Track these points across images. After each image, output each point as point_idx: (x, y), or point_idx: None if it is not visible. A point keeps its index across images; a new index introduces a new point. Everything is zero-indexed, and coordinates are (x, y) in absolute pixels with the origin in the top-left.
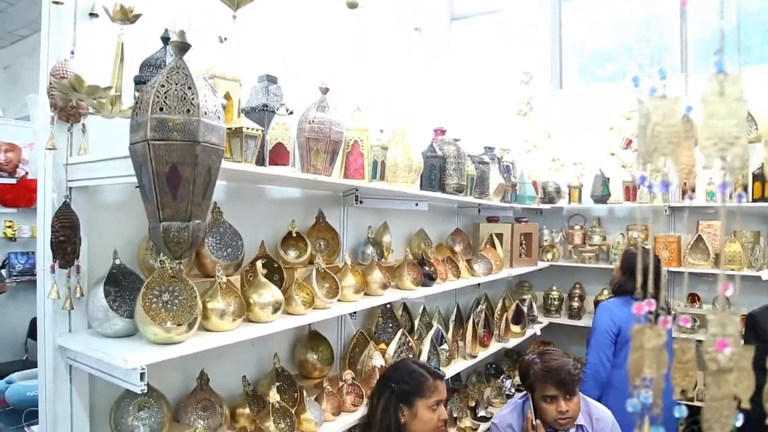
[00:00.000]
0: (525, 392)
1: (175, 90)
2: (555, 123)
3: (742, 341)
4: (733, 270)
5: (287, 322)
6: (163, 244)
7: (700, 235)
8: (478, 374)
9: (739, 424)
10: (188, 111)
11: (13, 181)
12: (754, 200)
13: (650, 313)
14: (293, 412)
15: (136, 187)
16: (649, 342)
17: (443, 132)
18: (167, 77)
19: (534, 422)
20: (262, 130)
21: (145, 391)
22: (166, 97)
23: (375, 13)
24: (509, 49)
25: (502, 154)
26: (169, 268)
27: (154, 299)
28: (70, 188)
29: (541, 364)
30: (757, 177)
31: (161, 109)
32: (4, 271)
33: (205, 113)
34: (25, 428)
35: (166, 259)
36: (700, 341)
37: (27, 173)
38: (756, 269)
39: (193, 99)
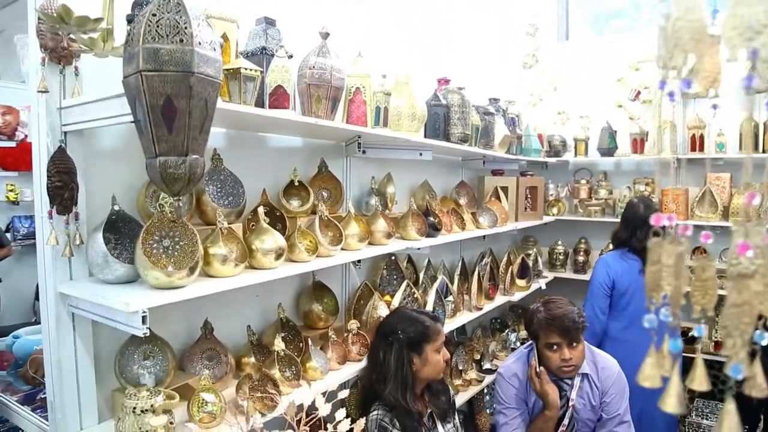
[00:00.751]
0: (530, 342)
1: (167, 19)
2: (561, 75)
3: None
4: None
5: (291, 268)
6: (160, 180)
7: (708, 188)
8: (483, 328)
9: (765, 342)
10: (181, 41)
11: (12, 144)
12: (765, 151)
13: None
14: (298, 360)
15: (131, 122)
16: (668, 258)
17: (447, 82)
18: (159, 6)
19: (537, 369)
20: (261, 71)
21: (148, 334)
22: (158, 27)
23: None
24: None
25: (507, 106)
26: (168, 209)
27: (155, 244)
28: (65, 133)
29: (545, 312)
30: None
31: (153, 39)
32: (9, 235)
33: (199, 43)
34: None
35: (165, 202)
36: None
37: (26, 136)
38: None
39: (186, 28)
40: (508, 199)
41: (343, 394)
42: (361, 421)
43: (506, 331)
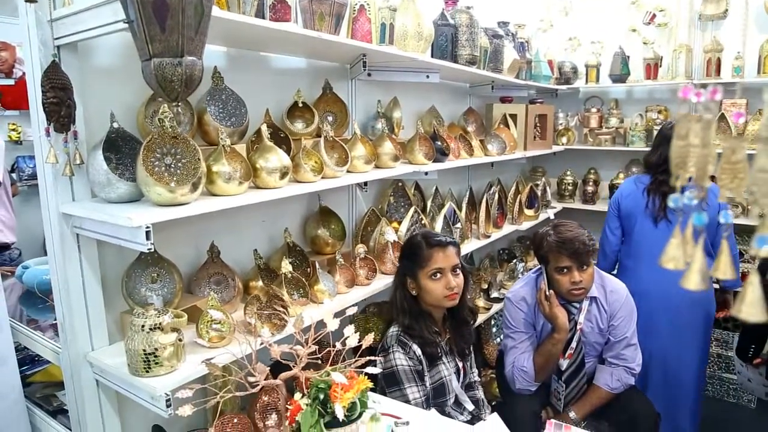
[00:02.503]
0: (539, 267)
1: None
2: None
3: None
4: (754, 150)
5: (296, 188)
6: (156, 84)
7: (723, 113)
8: (491, 258)
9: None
10: None
11: (11, 81)
12: None
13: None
14: (306, 283)
15: (125, 29)
16: (695, 137)
17: (456, 2)
18: None
19: (547, 292)
20: None
21: (152, 250)
22: None
23: None
24: None
25: (517, 30)
26: (168, 125)
27: (156, 162)
28: (58, 47)
29: (556, 236)
30: None
31: None
32: (14, 175)
33: None
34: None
35: (165, 116)
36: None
37: (24, 73)
38: None
39: None
40: (517, 127)
41: (351, 310)
42: (369, 337)
43: (514, 261)
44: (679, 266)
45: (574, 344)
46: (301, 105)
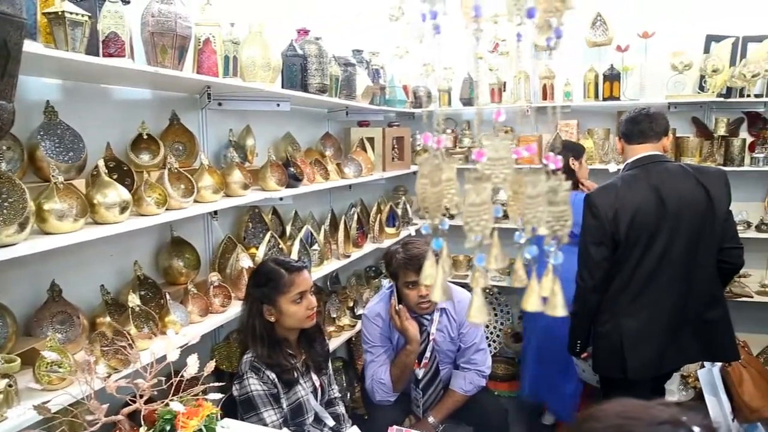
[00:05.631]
0: (392, 283)
1: None
2: (426, 28)
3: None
4: (590, 164)
5: (139, 222)
6: None
7: (558, 134)
8: (357, 276)
9: (529, 256)
10: None
11: None
12: (604, 99)
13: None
14: (156, 315)
15: None
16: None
17: (306, 32)
18: None
19: (397, 307)
20: (90, 16)
21: None
22: None
23: None
24: None
25: (371, 58)
26: None
27: None
28: None
29: (403, 253)
30: (607, 77)
31: None
32: None
33: None
34: None
35: None
36: None
37: None
38: (606, 163)
39: None
40: (375, 150)
41: (195, 339)
42: (212, 364)
43: (379, 278)
44: (434, 282)
45: (428, 354)
46: (146, 137)
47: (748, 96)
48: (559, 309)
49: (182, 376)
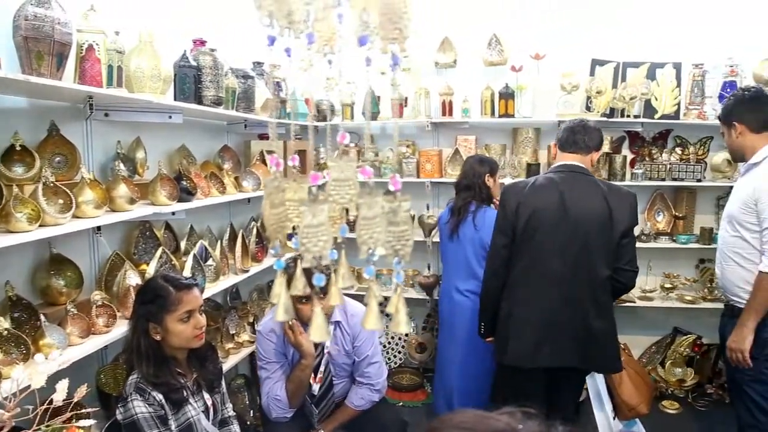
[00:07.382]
0: None
1: None
2: (331, 42)
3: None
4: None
5: (7, 239)
6: None
7: (457, 149)
8: (260, 291)
9: (367, 276)
10: None
11: None
12: (500, 116)
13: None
14: (29, 340)
15: None
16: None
17: (203, 43)
18: None
19: (290, 322)
20: None
21: None
22: None
23: None
24: None
25: (272, 70)
26: None
27: None
28: None
29: (294, 269)
30: (503, 95)
31: None
32: None
33: None
34: None
35: None
36: None
37: None
38: (502, 177)
39: None
40: None
41: (61, 360)
42: (83, 388)
43: None
44: (278, 302)
45: (322, 368)
46: (19, 148)
47: (629, 116)
48: (403, 326)
49: (50, 402)
